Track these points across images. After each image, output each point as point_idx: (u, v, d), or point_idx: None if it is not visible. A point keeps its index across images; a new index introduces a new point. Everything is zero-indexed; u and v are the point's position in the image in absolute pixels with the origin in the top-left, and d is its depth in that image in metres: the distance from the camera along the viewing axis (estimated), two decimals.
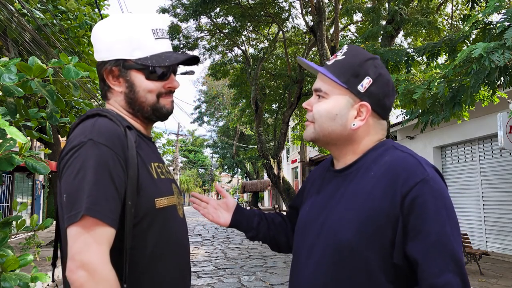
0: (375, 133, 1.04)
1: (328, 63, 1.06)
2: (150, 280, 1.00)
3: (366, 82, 1.00)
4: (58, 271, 1.13)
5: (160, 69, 1.07)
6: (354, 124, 1.01)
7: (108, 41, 1.06)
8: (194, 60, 1.16)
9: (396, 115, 10.51)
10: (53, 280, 1.23)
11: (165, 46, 1.11)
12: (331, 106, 1.02)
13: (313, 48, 13.32)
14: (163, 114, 1.12)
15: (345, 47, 1.07)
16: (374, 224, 0.92)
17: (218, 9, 12.87)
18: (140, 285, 0.98)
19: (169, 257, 1.05)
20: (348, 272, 0.93)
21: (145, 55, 1.06)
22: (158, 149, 1.28)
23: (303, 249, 1.05)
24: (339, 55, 1.05)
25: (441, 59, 5.58)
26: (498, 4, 3.43)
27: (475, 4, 5.20)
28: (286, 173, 25.58)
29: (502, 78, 3.74)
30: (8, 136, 1.51)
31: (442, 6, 9.75)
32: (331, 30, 11.46)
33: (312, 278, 0.99)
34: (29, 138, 1.78)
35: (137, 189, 0.97)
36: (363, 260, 0.92)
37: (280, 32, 13.44)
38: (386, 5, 8.19)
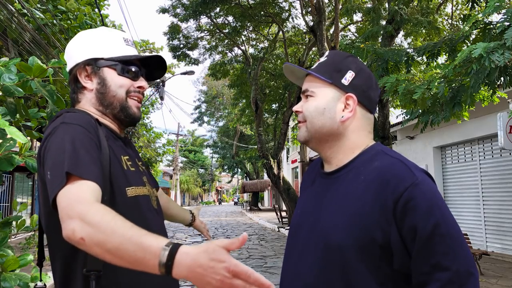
0: (363, 127, 1.07)
1: (313, 67, 1.12)
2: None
3: (349, 75, 1.06)
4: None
5: (131, 67, 1.17)
6: (342, 116, 1.04)
7: (82, 44, 1.18)
8: (161, 66, 1.26)
9: (396, 115, 10.51)
10: (40, 280, 1.24)
11: (134, 52, 1.21)
12: (319, 102, 1.06)
13: (313, 48, 13.32)
14: (130, 115, 1.18)
15: (327, 52, 1.14)
16: (363, 227, 0.93)
17: (218, 9, 12.87)
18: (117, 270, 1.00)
19: None
20: (338, 274, 0.95)
21: (116, 55, 1.17)
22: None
23: (294, 251, 1.07)
24: (322, 59, 1.12)
25: (441, 59, 5.57)
26: (498, 4, 3.42)
27: (475, 4, 5.19)
28: (286, 173, 25.57)
29: (502, 78, 3.74)
30: (8, 136, 1.51)
31: (442, 6, 9.73)
32: (331, 30, 11.46)
33: (302, 279, 1.01)
34: (29, 138, 1.78)
35: (109, 179, 1.01)
36: (353, 262, 0.93)
37: (280, 32, 13.44)
38: (386, 5, 8.18)
